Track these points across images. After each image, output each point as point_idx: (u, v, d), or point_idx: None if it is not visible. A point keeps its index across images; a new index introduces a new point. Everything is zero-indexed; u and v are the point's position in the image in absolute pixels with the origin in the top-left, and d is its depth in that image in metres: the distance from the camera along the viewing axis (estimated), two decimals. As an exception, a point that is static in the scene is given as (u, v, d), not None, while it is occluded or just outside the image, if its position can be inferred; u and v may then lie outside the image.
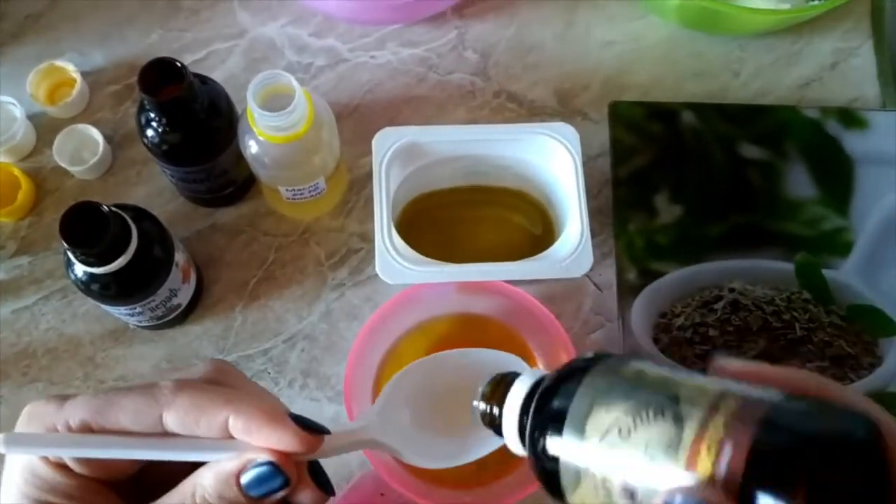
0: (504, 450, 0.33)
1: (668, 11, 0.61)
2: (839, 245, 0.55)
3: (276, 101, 0.47)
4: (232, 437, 0.30)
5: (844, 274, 0.55)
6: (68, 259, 0.47)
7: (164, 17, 0.62)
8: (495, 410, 0.32)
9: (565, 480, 0.27)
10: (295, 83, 0.46)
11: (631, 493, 0.25)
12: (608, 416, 0.26)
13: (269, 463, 0.30)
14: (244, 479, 0.30)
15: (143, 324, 0.53)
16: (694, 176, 0.57)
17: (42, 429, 0.30)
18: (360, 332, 0.50)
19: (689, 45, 0.63)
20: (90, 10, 0.62)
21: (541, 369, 0.34)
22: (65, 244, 0.43)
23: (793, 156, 0.58)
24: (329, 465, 0.52)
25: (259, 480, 0.30)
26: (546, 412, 0.28)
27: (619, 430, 0.25)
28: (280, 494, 0.31)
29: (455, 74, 0.61)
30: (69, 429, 0.30)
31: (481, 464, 0.51)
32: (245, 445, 0.30)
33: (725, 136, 0.58)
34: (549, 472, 0.28)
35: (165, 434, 0.31)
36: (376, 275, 0.49)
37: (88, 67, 0.61)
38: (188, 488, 0.30)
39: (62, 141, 0.57)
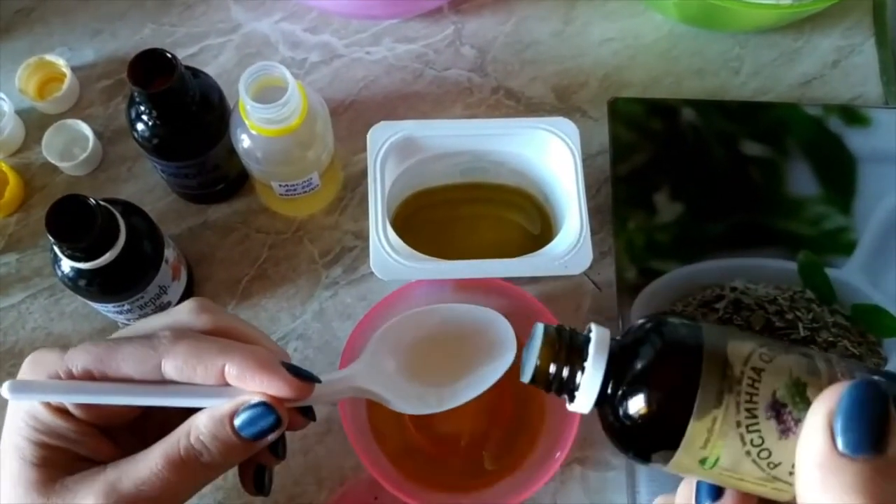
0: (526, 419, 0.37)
1: (667, 7, 0.60)
2: (842, 244, 0.55)
3: (268, 94, 0.46)
4: (227, 385, 0.32)
5: (848, 273, 0.54)
6: (55, 255, 0.45)
7: (157, 11, 0.61)
8: (566, 372, 0.33)
9: (699, 408, 0.29)
10: (288, 75, 0.45)
11: (778, 408, 0.28)
12: (745, 347, 0.30)
13: (262, 403, 0.32)
14: (237, 420, 0.32)
15: (133, 322, 0.51)
16: (694, 173, 0.56)
17: (45, 375, 0.32)
18: (352, 331, 0.49)
19: (688, 42, 0.62)
20: (81, 4, 0.61)
21: (598, 331, 0.35)
22: (51, 238, 0.42)
23: (794, 153, 0.57)
24: (323, 467, 0.51)
25: (251, 420, 0.32)
26: (639, 369, 0.31)
27: (761, 356, 0.29)
28: (271, 437, 0.32)
29: (452, 70, 0.60)
30: (71, 376, 0.32)
31: (478, 467, 0.50)
32: (240, 392, 0.32)
33: (726, 133, 0.57)
34: (639, 428, 0.31)
35: (164, 381, 0.32)
36: (370, 273, 0.48)
37: (79, 62, 0.60)
38: (183, 430, 0.32)
39: (51, 136, 0.56)
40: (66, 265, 0.45)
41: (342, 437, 0.48)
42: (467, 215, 0.56)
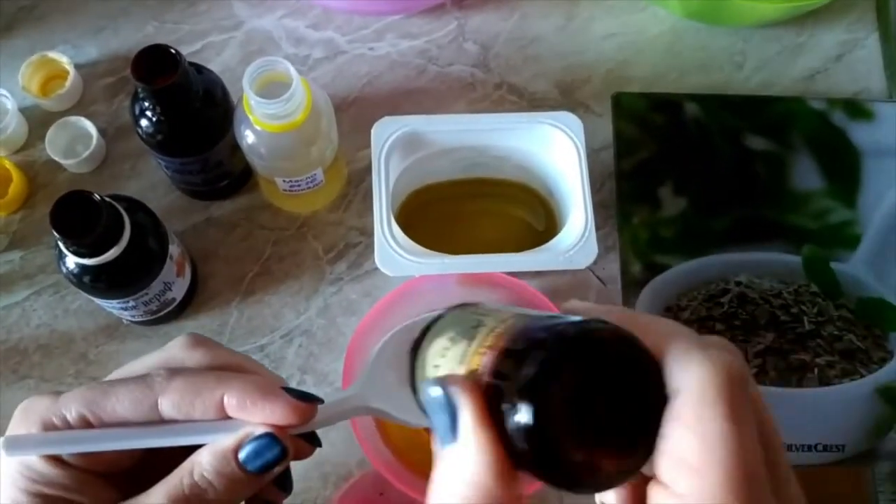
0: None
1: (670, 3, 0.60)
2: (847, 238, 0.54)
3: (273, 90, 0.46)
4: (228, 418, 0.31)
5: (853, 267, 0.54)
6: (60, 251, 0.45)
7: (159, 8, 0.61)
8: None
9: (419, 400, 0.32)
10: (293, 70, 0.45)
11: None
12: (440, 342, 0.31)
13: (267, 434, 0.31)
14: (242, 454, 0.31)
15: (137, 319, 0.51)
16: (698, 168, 0.56)
17: (38, 424, 0.31)
18: (357, 327, 0.49)
19: (691, 37, 0.62)
20: (83, 2, 0.61)
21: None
22: (56, 234, 0.42)
23: (799, 147, 0.57)
24: (328, 463, 0.51)
25: (257, 453, 0.31)
26: (414, 348, 0.33)
27: (442, 353, 0.30)
28: (278, 469, 0.31)
29: (455, 66, 0.60)
30: (66, 423, 0.31)
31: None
32: (241, 425, 0.31)
33: (730, 127, 0.57)
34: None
35: (162, 421, 0.31)
36: (375, 269, 0.48)
37: (82, 60, 0.60)
38: (186, 468, 0.31)
39: (55, 133, 0.56)
40: (71, 261, 0.45)
41: (347, 433, 0.48)
42: (471, 211, 0.56)
